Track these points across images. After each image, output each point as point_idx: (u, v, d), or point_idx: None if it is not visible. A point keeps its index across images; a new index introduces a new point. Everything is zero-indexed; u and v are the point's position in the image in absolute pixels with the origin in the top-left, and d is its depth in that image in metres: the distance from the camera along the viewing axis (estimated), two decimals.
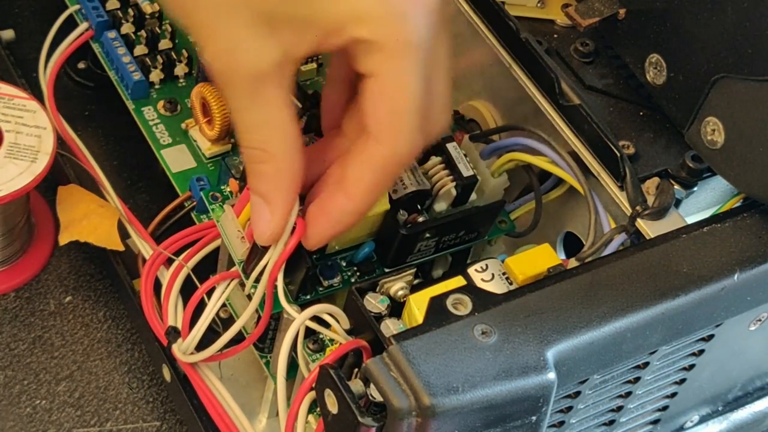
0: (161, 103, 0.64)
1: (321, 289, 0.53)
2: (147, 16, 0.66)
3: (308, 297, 0.53)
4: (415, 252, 0.54)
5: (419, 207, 0.54)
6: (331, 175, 0.50)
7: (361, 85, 0.47)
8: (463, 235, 0.56)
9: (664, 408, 0.57)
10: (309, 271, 0.52)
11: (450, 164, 0.55)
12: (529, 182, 0.58)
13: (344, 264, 0.54)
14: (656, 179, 0.55)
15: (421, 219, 0.54)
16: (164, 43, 0.65)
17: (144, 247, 0.61)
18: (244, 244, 0.52)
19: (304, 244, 0.50)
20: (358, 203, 0.48)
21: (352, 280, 0.54)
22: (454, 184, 0.55)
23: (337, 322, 0.50)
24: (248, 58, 0.46)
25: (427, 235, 0.54)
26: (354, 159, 0.48)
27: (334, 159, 0.50)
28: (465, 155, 0.55)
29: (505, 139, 0.57)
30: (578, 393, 0.50)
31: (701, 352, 0.54)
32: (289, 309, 0.51)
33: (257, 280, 0.52)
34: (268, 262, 0.51)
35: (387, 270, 0.54)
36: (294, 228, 0.50)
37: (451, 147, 0.55)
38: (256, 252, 0.51)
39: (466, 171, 0.55)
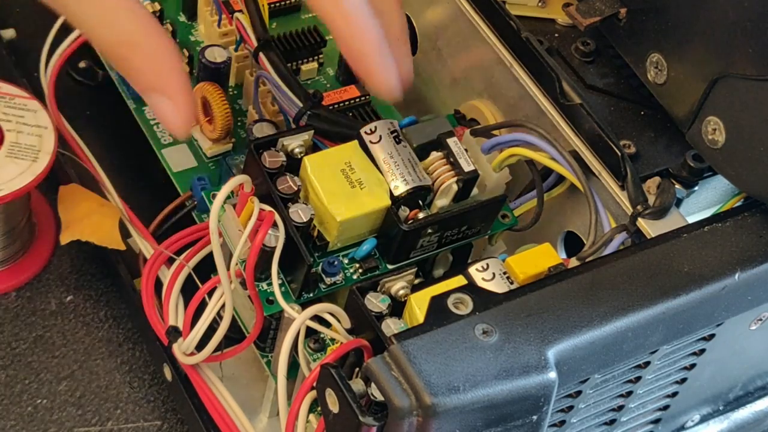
0: None
1: (323, 286, 0.53)
2: None
3: (311, 295, 0.53)
4: (418, 248, 0.54)
5: (420, 203, 0.54)
6: None
7: None
8: (466, 230, 0.56)
9: (665, 407, 0.57)
10: (310, 269, 0.52)
11: (451, 159, 0.55)
12: (531, 180, 0.58)
13: (346, 261, 0.54)
14: (657, 178, 0.55)
15: (422, 215, 0.54)
16: None
17: (145, 246, 0.61)
18: (246, 243, 0.52)
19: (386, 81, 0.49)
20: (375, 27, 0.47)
21: (354, 277, 0.54)
22: (455, 179, 0.54)
23: (338, 321, 0.50)
24: None
25: (429, 230, 0.54)
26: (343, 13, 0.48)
27: None
28: (466, 150, 0.55)
29: (506, 134, 0.57)
30: (579, 392, 0.50)
31: (702, 351, 0.54)
32: (287, 307, 0.51)
33: (260, 280, 0.52)
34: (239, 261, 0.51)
35: (389, 266, 0.54)
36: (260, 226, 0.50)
37: (451, 142, 0.55)
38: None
39: (467, 166, 0.55)
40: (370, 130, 0.54)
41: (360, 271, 0.54)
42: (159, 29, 0.46)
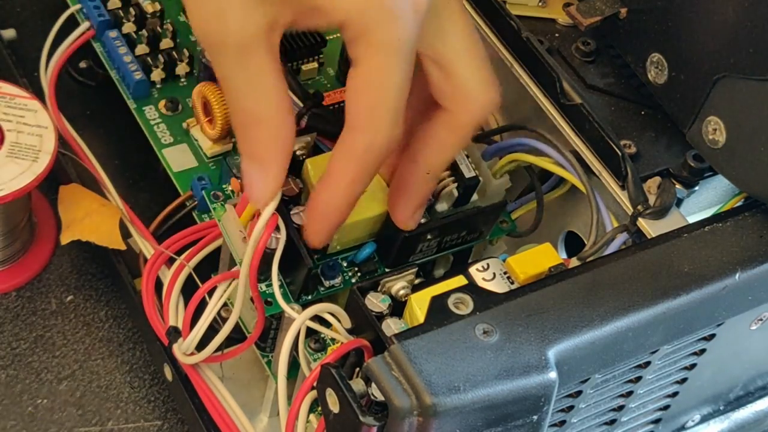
0: (162, 102, 0.64)
1: (322, 289, 0.53)
2: (148, 16, 0.66)
3: (309, 297, 0.53)
4: (417, 252, 0.54)
5: None
6: None
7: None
8: (465, 236, 0.56)
9: (666, 407, 0.57)
10: (310, 272, 0.52)
11: (452, 165, 0.55)
12: (531, 182, 0.58)
13: (345, 264, 0.54)
14: (657, 178, 0.55)
15: (422, 220, 0.54)
16: (165, 43, 0.65)
17: (145, 246, 0.61)
18: (246, 243, 0.52)
19: (308, 243, 0.51)
20: (341, 195, 0.49)
21: (353, 280, 0.54)
22: (455, 185, 0.54)
23: (339, 321, 0.50)
24: (236, 24, 0.46)
25: (429, 236, 0.54)
26: (335, 150, 0.48)
27: None
28: (467, 156, 0.55)
29: (507, 139, 0.57)
30: (579, 392, 0.50)
31: (702, 351, 0.54)
32: (288, 310, 0.51)
33: (262, 281, 0.52)
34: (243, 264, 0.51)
35: (388, 270, 0.54)
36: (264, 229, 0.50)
37: None
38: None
39: (468, 172, 0.55)
40: None
41: (359, 275, 0.54)
42: (287, 109, 0.48)
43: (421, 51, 0.49)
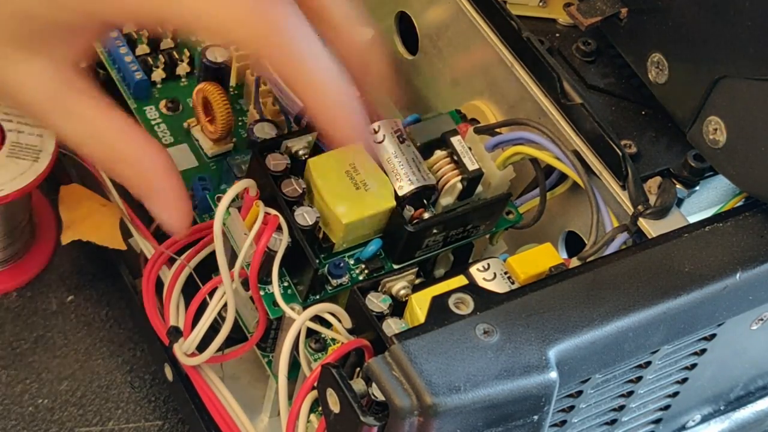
0: (163, 102, 0.64)
1: (330, 288, 0.53)
2: None
3: (317, 297, 0.53)
4: (423, 247, 0.54)
5: (425, 202, 0.54)
6: None
7: None
8: (471, 229, 0.56)
9: (666, 407, 0.57)
10: (317, 272, 0.52)
11: (455, 158, 0.55)
12: (533, 178, 0.58)
13: (352, 262, 0.54)
14: (658, 178, 0.55)
15: (427, 215, 0.54)
16: (166, 43, 0.65)
17: (146, 246, 0.61)
18: (251, 247, 0.52)
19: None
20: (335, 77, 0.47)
21: (360, 278, 0.54)
22: (459, 178, 0.54)
23: (339, 321, 0.50)
24: (33, 89, 0.44)
25: (435, 230, 0.54)
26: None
27: None
28: (470, 148, 0.55)
29: (510, 132, 0.57)
30: (580, 392, 0.50)
31: (703, 351, 0.54)
32: (288, 311, 0.51)
33: (263, 282, 0.52)
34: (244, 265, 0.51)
35: (395, 266, 0.54)
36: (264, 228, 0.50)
37: (455, 141, 0.55)
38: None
39: (472, 165, 0.55)
40: (374, 129, 0.54)
41: (366, 272, 0.54)
42: (146, 142, 0.47)
43: None
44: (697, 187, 0.55)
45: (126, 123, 0.46)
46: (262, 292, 0.53)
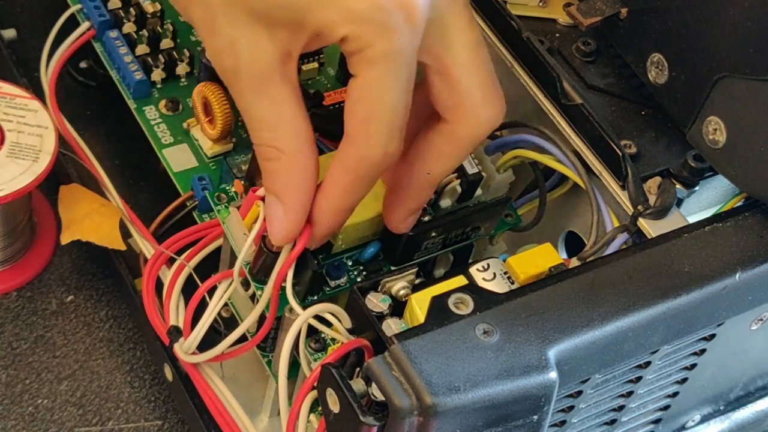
0: (163, 102, 0.64)
1: (328, 289, 0.53)
2: (148, 16, 0.66)
3: (315, 298, 0.53)
4: (422, 250, 0.54)
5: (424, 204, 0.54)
6: None
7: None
8: (470, 231, 0.56)
9: (666, 407, 0.57)
10: (315, 273, 0.52)
11: None
12: (533, 179, 0.58)
13: (350, 264, 0.54)
14: (658, 178, 0.55)
15: (426, 218, 0.54)
16: (166, 43, 0.66)
17: (146, 246, 0.61)
18: (251, 246, 0.52)
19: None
20: (334, 203, 0.49)
21: (359, 279, 0.54)
22: (459, 181, 0.54)
23: (339, 321, 0.50)
24: (247, 55, 0.46)
25: (433, 233, 0.54)
26: (334, 156, 0.48)
27: None
28: None
29: (510, 135, 0.57)
30: (580, 392, 0.50)
31: (703, 351, 0.54)
32: (297, 307, 0.51)
33: (263, 282, 0.52)
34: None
35: (393, 268, 0.54)
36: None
37: None
38: (263, 254, 0.51)
39: (471, 168, 0.55)
40: None
41: (364, 273, 0.54)
42: (307, 141, 0.48)
43: (425, 61, 0.49)
44: (697, 187, 0.55)
45: (305, 125, 0.48)
46: (260, 293, 0.53)
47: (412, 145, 0.51)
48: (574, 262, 0.52)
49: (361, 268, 0.54)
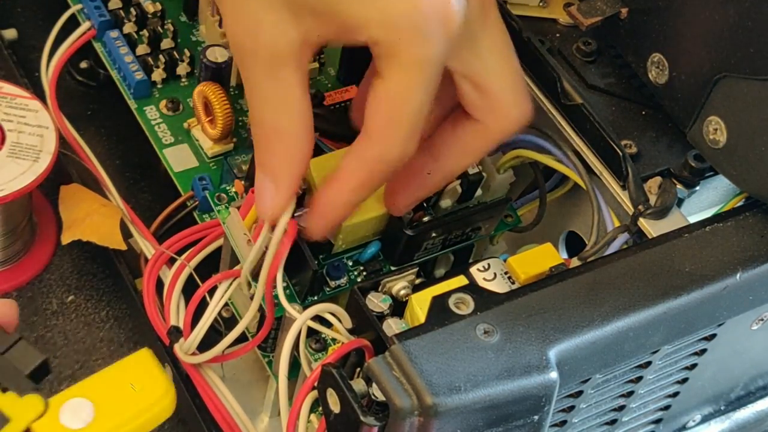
0: (163, 102, 0.64)
1: (328, 289, 0.53)
2: (149, 16, 0.66)
3: (315, 298, 0.53)
4: (422, 250, 0.54)
5: (425, 205, 0.54)
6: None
7: (372, 82, 0.47)
8: (470, 232, 0.56)
9: (667, 407, 0.57)
10: (315, 274, 0.52)
11: None
12: (533, 179, 0.58)
13: (350, 264, 0.54)
14: (658, 178, 0.55)
15: (426, 218, 0.54)
16: (166, 43, 0.66)
17: (146, 246, 0.61)
18: (251, 246, 0.52)
19: (305, 236, 0.51)
20: (346, 196, 0.49)
21: (359, 279, 0.54)
22: (459, 181, 0.55)
23: (339, 321, 0.50)
24: (270, 36, 0.47)
25: (434, 233, 0.54)
26: (348, 152, 0.49)
27: None
28: None
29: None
30: (580, 392, 0.50)
31: (703, 351, 0.54)
32: (290, 309, 0.51)
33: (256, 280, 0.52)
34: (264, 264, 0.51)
35: (394, 268, 0.54)
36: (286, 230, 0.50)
37: None
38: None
39: (471, 168, 0.55)
40: None
41: (364, 273, 0.54)
42: (308, 127, 0.49)
43: (454, 67, 0.49)
44: (698, 187, 0.55)
45: (309, 112, 0.49)
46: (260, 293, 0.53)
47: (435, 137, 0.51)
48: (575, 262, 0.52)
49: (362, 268, 0.54)
